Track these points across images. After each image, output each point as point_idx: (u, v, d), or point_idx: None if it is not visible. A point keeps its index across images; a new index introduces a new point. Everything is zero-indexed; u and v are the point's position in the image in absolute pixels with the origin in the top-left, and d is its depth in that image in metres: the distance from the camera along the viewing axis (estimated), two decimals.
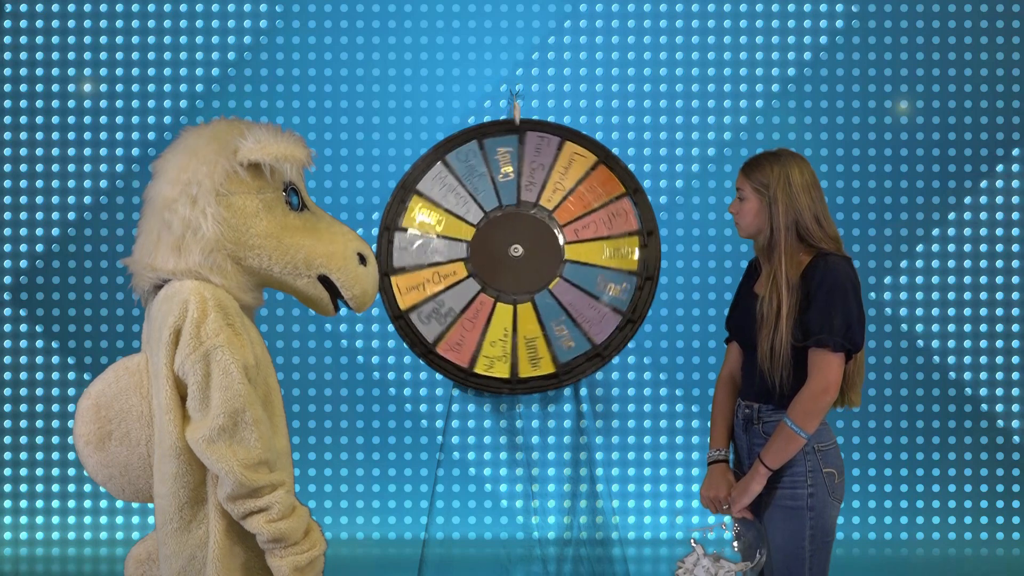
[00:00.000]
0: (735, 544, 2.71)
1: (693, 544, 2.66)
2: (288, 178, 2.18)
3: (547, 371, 3.73)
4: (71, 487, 4.54)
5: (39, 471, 4.54)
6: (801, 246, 2.68)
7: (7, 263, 4.57)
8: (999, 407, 4.52)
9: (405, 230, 3.78)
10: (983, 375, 4.53)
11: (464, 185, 3.80)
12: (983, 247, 4.54)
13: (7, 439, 4.54)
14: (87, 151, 4.58)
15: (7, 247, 4.57)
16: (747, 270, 2.88)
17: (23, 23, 4.58)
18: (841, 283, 2.60)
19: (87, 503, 4.54)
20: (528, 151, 3.83)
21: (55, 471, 4.54)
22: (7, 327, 4.57)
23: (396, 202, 3.82)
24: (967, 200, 4.55)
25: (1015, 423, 4.52)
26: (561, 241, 3.78)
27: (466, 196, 3.80)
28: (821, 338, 2.57)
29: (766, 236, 2.69)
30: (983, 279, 4.54)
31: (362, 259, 2.23)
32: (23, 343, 4.57)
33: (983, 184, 4.55)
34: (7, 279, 4.57)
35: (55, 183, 4.58)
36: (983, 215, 4.55)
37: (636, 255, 3.76)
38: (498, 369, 3.73)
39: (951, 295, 4.54)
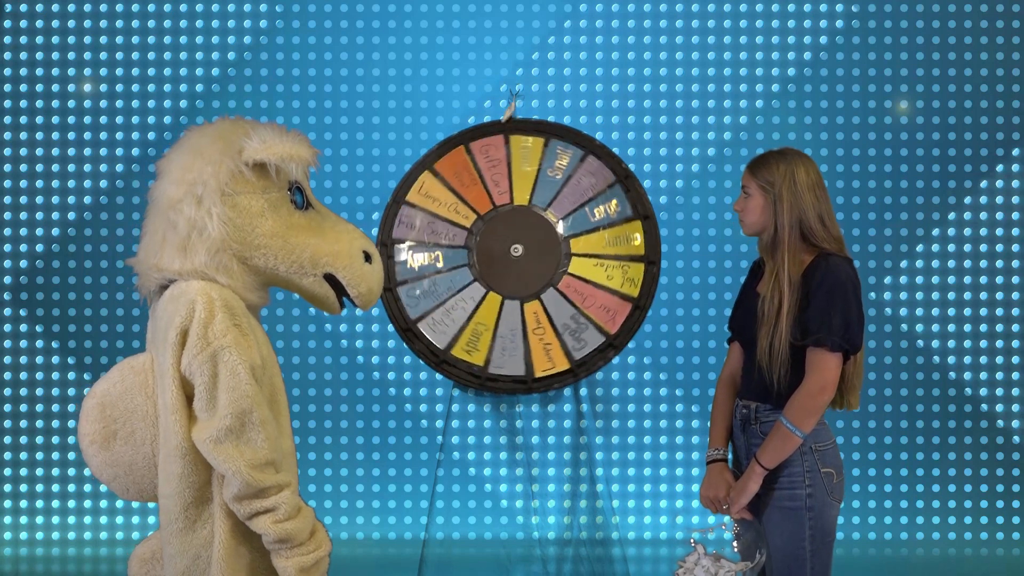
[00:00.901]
0: (735, 544, 2.70)
1: (693, 544, 2.66)
2: (293, 177, 2.18)
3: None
4: (71, 487, 4.54)
5: (39, 471, 4.54)
6: (804, 245, 2.68)
7: (7, 263, 4.57)
8: (999, 407, 4.52)
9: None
10: (983, 375, 4.53)
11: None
12: (983, 247, 4.54)
13: (7, 439, 4.54)
14: (87, 151, 4.58)
15: (7, 247, 4.57)
16: (751, 270, 2.88)
17: (23, 23, 4.57)
18: (842, 283, 2.61)
19: (87, 503, 4.54)
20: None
21: (55, 471, 4.54)
22: (7, 327, 4.56)
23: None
24: (967, 200, 4.55)
25: (1015, 423, 4.52)
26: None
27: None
28: (819, 337, 2.58)
29: (770, 234, 2.70)
30: (983, 279, 4.54)
31: (367, 257, 2.23)
32: (23, 343, 4.57)
33: (983, 184, 4.55)
34: (7, 279, 4.57)
35: (55, 183, 4.58)
36: (983, 215, 4.55)
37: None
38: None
39: (951, 295, 4.54)
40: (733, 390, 2.85)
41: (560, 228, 3.75)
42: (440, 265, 3.76)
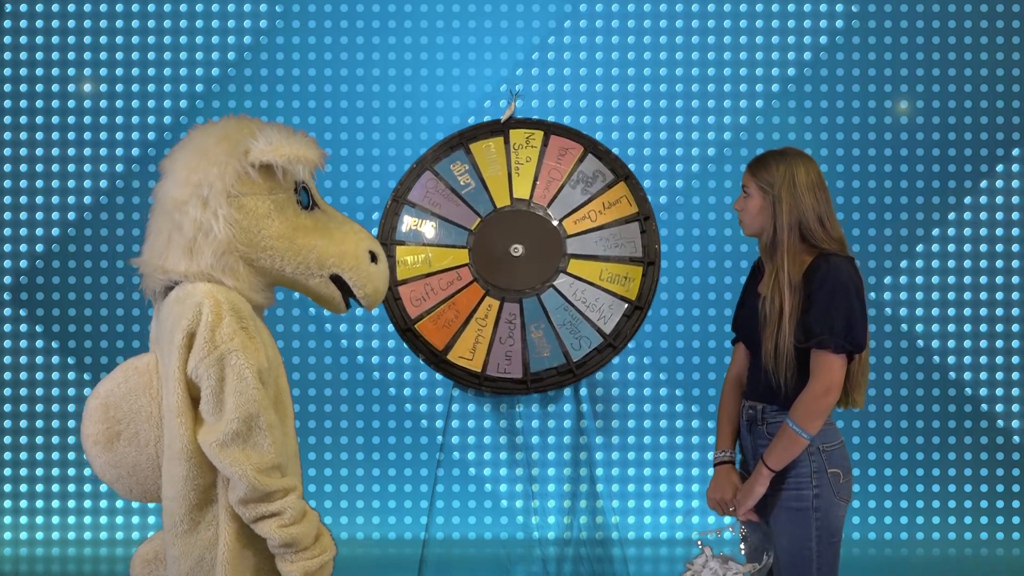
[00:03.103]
0: (742, 546, 2.70)
1: (700, 546, 2.65)
2: (300, 179, 2.17)
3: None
4: (71, 487, 4.54)
5: (39, 471, 4.54)
6: (804, 246, 2.67)
7: (7, 263, 4.57)
8: (999, 407, 4.53)
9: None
10: (983, 375, 4.53)
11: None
12: (983, 247, 4.54)
13: (7, 439, 4.54)
14: (87, 151, 4.58)
15: (7, 247, 4.57)
16: (752, 269, 2.88)
17: (23, 23, 4.57)
18: (843, 283, 2.60)
19: (87, 503, 4.54)
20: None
21: (55, 471, 4.54)
22: (7, 327, 4.56)
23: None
24: (967, 200, 4.55)
25: (1015, 423, 4.52)
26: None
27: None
28: (822, 339, 2.57)
29: (769, 235, 2.69)
30: (983, 279, 4.54)
31: (373, 257, 2.23)
32: (23, 343, 4.57)
33: (983, 184, 4.55)
34: (7, 279, 4.57)
35: (55, 183, 4.58)
36: (983, 215, 4.55)
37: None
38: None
39: (951, 295, 4.54)
40: (739, 391, 2.84)
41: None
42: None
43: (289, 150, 2.11)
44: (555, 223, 3.68)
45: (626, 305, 3.64)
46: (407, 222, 3.70)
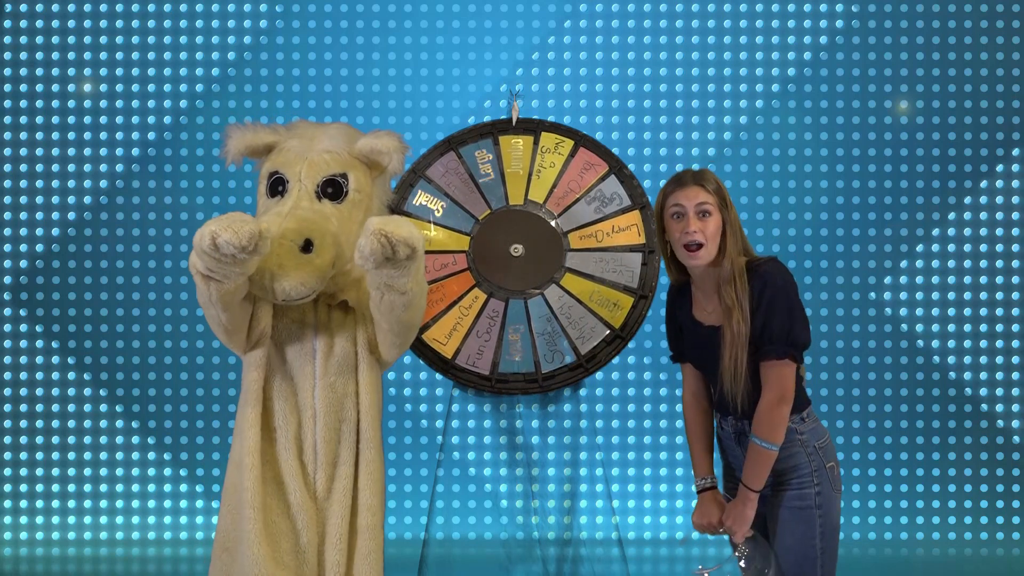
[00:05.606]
0: (741, 563, 2.69)
1: (700, 571, 2.65)
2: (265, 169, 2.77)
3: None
4: (71, 487, 4.54)
5: (39, 471, 4.54)
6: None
7: (7, 263, 4.57)
8: (999, 407, 4.52)
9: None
10: (983, 375, 4.53)
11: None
12: (983, 247, 4.54)
13: (7, 439, 4.54)
14: (87, 151, 4.58)
15: (7, 247, 4.57)
16: (670, 297, 2.82)
17: (23, 23, 4.58)
18: (781, 288, 2.56)
19: (87, 503, 4.54)
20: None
21: (55, 471, 4.54)
22: (7, 327, 4.56)
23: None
24: (967, 200, 4.55)
25: (1015, 423, 4.52)
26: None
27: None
28: (765, 351, 2.55)
29: (731, 262, 2.62)
30: (983, 279, 4.54)
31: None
32: (23, 343, 4.57)
33: (983, 184, 4.55)
34: (7, 279, 4.57)
35: (55, 183, 4.58)
36: (983, 215, 4.55)
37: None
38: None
39: (951, 295, 4.54)
40: (701, 409, 2.81)
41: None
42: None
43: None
44: (561, 234, 3.68)
45: (608, 331, 3.63)
46: (419, 196, 3.71)
